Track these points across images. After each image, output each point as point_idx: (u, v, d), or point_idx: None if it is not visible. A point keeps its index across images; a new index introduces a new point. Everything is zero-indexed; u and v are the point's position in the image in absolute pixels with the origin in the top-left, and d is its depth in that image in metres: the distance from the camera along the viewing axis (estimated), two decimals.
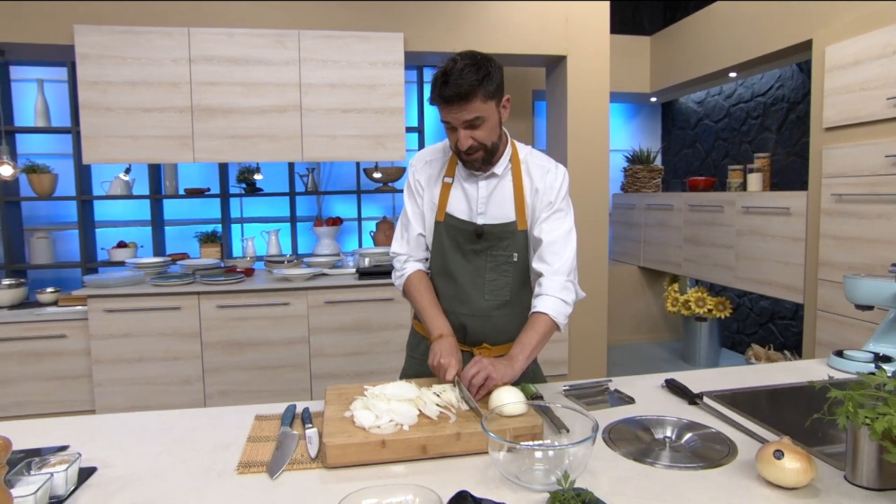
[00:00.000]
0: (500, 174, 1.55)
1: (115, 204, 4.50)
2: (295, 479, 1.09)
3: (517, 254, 1.55)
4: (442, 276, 1.60)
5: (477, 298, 1.57)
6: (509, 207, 1.55)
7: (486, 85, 1.38)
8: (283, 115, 3.35)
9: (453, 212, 1.57)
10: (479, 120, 1.41)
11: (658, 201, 4.71)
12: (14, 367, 3.23)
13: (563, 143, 3.83)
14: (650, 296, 5.13)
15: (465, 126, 1.41)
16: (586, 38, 3.71)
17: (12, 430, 1.35)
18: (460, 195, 1.57)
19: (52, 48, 3.27)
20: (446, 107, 1.40)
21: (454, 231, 1.56)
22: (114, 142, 3.23)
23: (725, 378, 1.65)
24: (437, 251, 1.61)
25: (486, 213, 1.55)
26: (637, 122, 5.66)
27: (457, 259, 1.57)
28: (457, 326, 1.58)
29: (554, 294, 1.48)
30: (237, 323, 3.34)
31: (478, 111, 1.39)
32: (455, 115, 1.40)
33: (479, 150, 1.46)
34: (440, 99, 1.40)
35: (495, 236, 1.54)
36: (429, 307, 1.56)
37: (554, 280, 1.50)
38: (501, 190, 1.55)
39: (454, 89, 1.36)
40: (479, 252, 1.56)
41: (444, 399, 1.28)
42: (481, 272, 1.56)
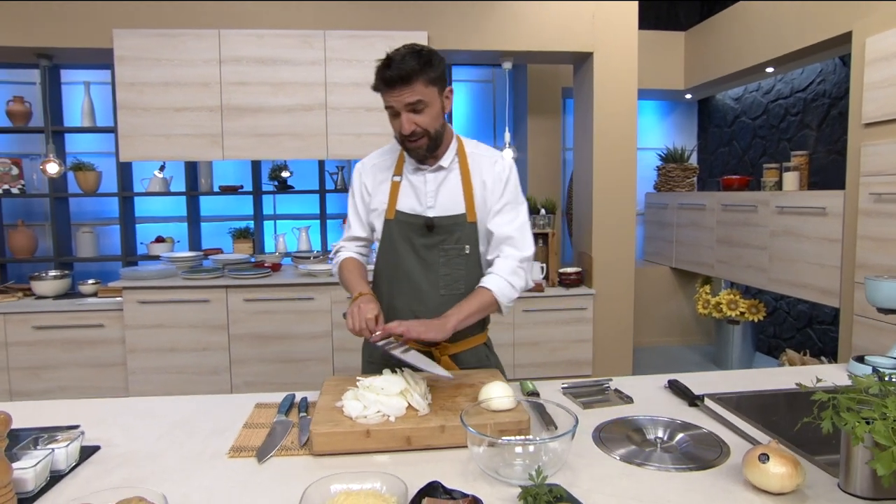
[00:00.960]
0: (447, 167, 1.57)
1: (154, 200, 4.69)
2: (281, 465, 1.13)
3: (469, 246, 1.57)
4: (395, 274, 1.59)
5: (433, 294, 1.57)
6: (458, 199, 1.56)
7: (427, 70, 1.41)
8: (308, 113, 3.42)
9: (403, 208, 1.57)
10: (421, 104, 1.43)
11: (690, 201, 4.58)
12: (58, 353, 3.41)
13: (590, 141, 3.78)
14: (682, 297, 5.00)
15: (407, 109, 1.43)
16: (614, 34, 3.65)
17: (30, 409, 1.44)
18: (409, 190, 1.58)
19: (95, 52, 3.44)
20: (389, 90, 1.41)
21: (405, 227, 1.57)
22: (149, 140, 3.37)
23: (733, 380, 1.60)
24: (388, 250, 1.60)
25: (436, 206, 1.56)
26: (672, 120, 5.52)
27: (409, 256, 1.57)
28: None
29: (502, 275, 1.52)
30: (263, 316, 3.43)
31: (420, 94, 1.41)
32: (397, 98, 1.41)
33: (423, 136, 1.47)
34: (383, 82, 1.41)
35: (446, 229, 1.55)
36: (352, 278, 1.58)
37: (506, 262, 1.54)
38: (449, 182, 1.57)
39: (396, 72, 1.39)
40: (431, 247, 1.56)
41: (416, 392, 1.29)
42: (434, 267, 1.57)
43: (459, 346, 1.61)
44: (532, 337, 3.70)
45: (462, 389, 1.37)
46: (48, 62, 3.60)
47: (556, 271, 3.88)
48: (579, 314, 3.74)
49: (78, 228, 4.45)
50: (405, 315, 1.56)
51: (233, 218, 4.82)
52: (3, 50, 3.43)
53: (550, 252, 3.89)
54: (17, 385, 3.41)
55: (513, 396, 1.24)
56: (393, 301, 1.60)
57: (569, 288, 3.80)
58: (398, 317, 1.57)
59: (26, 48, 3.39)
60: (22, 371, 3.41)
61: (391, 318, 1.56)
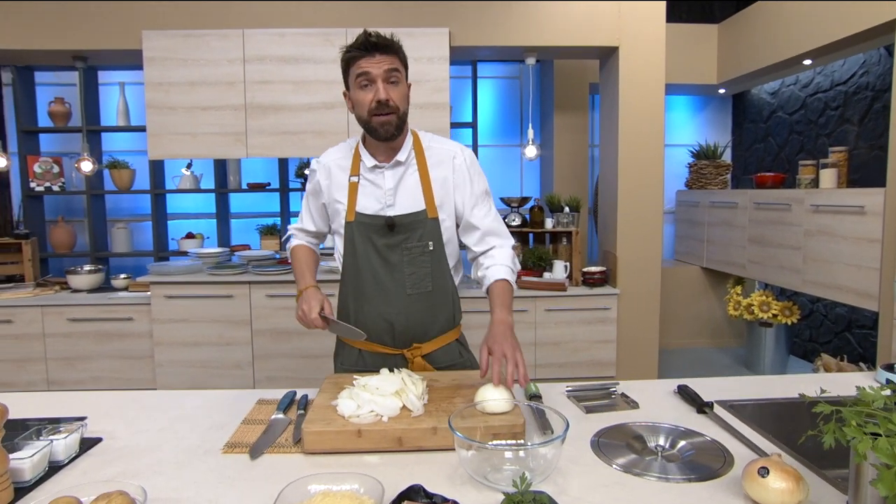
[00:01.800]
0: (405, 161, 1.54)
1: (186, 197, 4.81)
2: (273, 462, 1.13)
3: (432, 242, 1.54)
4: (360, 277, 1.55)
5: (399, 295, 1.53)
6: (418, 196, 1.54)
7: (401, 51, 1.47)
8: (330, 111, 3.44)
9: (363, 209, 1.53)
10: (397, 75, 1.44)
11: (722, 199, 4.44)
12: (91, 345, 3.54)
13: (615, 138, 3.69)
14: (713, 298, 4.84)
15: (384, 78, 1.42)
16: (640, 28, 3.55)
17: (41, 400, 1.48)
18: (367, 191, 1.54)
19: (126, 53, 3.54)
20: (367, 56, 1.41)
21: (365, 228, 1.52)
22: (176, 139, 3.46)
23: (750, 387, 1.54)
24: (351, 253, 1.55)
25: (396, 205, 1.53)
26: (705, 116, 5.35)
27: (373, 258, 1.53)
28: (384, 327, 1.55)
29: (506, 263, 1.55)
30: (285, 312, 3.48)
31: (398, 66, 1.45)
32: (377, 63, 1.41)
33: (395, 112, 1.45)
34: (364, 48, 1.41)
35: (407, 227, 1.52)
36: (300, 267, 1.62)
37: (502, 252, 1.57)
38: (408, 179, 1.55)
39: (380, 39, 1.41)
40: (394, 247, 1.53)
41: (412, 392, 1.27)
42: (399, 267, 1.53)
43: (432, 344, 1.59)
44: (554, 337, 3.65)
45: (461, 391, 1.35)
46: (83, 64, 3.73)
47: (579, 270, 3.81)
48: (603, 314, 3.66)
49: (113, 224, 4.61)
50: (375, 320, 1.54)
51: (261, 215, 4.91)
52: (42, 53, 3.57)
53: (574, 251, 3.82)
54: (53, 374, 3.55)
55: (508, 399, 1.21)
56: (361, 306, 1.57)
57: (592, 287, 3.72)
58: (369, 322, 1.55)
59: (63, 51, 3.51)
60: (58, 361, 3.54)
61: (360, 323, 1.55)
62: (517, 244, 1.62)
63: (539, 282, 3.69)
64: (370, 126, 1.46)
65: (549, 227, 3.86)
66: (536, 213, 3.88)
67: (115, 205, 4.87)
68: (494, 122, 5.04)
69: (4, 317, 3.50)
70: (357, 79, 1.43)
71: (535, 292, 3.63)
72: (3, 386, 3.54)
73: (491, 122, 5.03)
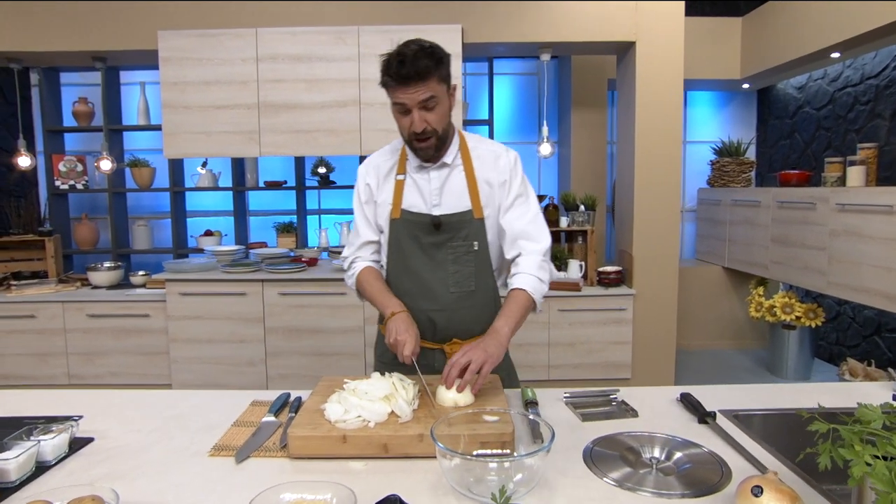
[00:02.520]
0: (451, 163, 1.54)
1: (206, 195, 4.87)
2: (258, 466, 1.12)
3: (477, 242, 1.53)
4: (404, 274, 1.56)
5: (442, 292, 1.54)
6: (464, 196, 1.53)
7: (440, 68, 1.40)
8: (342, 109, 3.44)
9: (408, 207, 1.55)
10: (433, 101, 1.40)
11: (744, 197, 4.31)
12: (109, 340, 3.61)
13: (631, 135, 3.61)
14: (735, 299, 4.72)
15: (419, 107, 1.39)
16: (657, 22, 3.46)
17: (42, 397, 1.50)
18: (413, 189, 1.55)
19: (143, 53, 3.58)
20: (402, 87, 1.37)
21: (411, 226, 1.54)
22: (191, 137, 3.49)
23: (758, 395, 1.48)
24: (395, 250, 1.57)
25: (441, 204, 1.54)
26: (729, 112, 5.21)
27: (417, 255, 1.55)
28: (425, 323, 1.56)
29: (531, 272, 1.49)
30: (297, 310, 3.49)
31: (433, 91, 1.39)
32: (411, 95, 1.37)
33: (432, 135, 1.44)
34: (396, 78, 1.37)
35: (453, 226, 1.52)
36: (379, 292, 1.55)
37: (530, 259, 1.51)
38: (454, 179, 1.54)
39: (412, 68, 1.35)
40: (439, 245, 1.53)
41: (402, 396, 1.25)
42: (443, 265, 1.54)
43: (468, 343, 1.53)
44: (568, 337, 3.59)
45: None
46: (103, 65, 3.80)
47: (594, 270, 3.74)
48: (618, 315, 3.59)
49: (134, 222, 4.69)
50: (417, 315, 1.53)
51: (279, 212, 4.95)
52: (63, 54, 3.64)
53: (589, 250, 3.75)
54: (73, 369, 3.63)
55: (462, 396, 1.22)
56: (404, 300, 1.56)
57: (608, 287, 3.66)
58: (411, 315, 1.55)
59: (83, 52, 3.58)
60: (78, 356, 3.62)
61: None
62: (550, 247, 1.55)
63: (553, 281, 3.63)
64: (412, 147, 1.49)
65: (564, 226, 3.80)
66: (551, 212, 3.82)
67: (137, 202, 4.96)
68: (512, 119, 4.99)
69: (28, 312, 3.59)
70: (393, 105, 1.42)
71: (548, 292, 3.57)
72: (26, 379, 3.63)
73: (508, 119, 4.98)
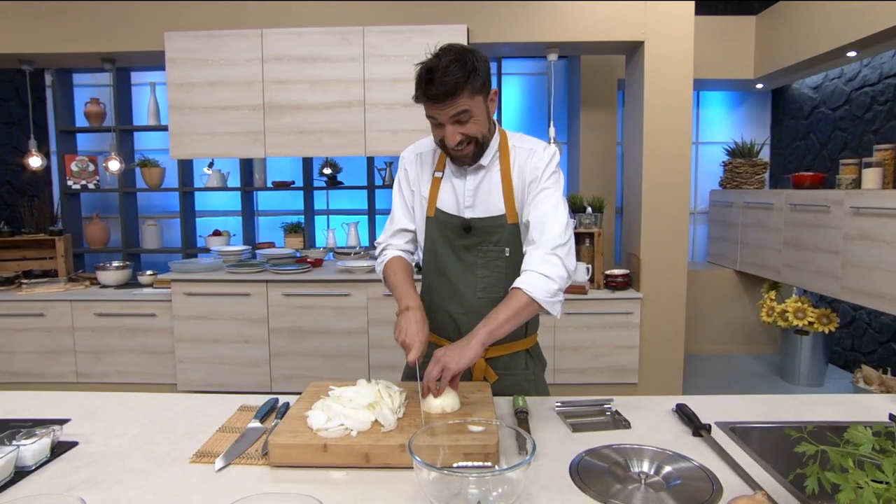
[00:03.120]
0: (487, 165, 1.49)
1: (215, 195, 4.90)
2: (237, 474, 1.10)
3: (509, 249, 1.48)
4: (435, 273, 1.56)
5: (469, 296, 1.51)
6: (498, 200, 1.48)
7: (472, 81, 1.33)
8: (347, 110, 3.43)
9: (443, 206, 1.52)
10: (466, 115, 1.36)
11: (756, 199, 4.22)
12: (116, 339, 3.64)
13: (639, 135, 3.55)
14: (747, 303, 4.63)
15: (452, 122, 1.36)
16: (666, 22, 3.40)
17: (30, 399, 1.50)
18: (449, 189, 1.53)
19: (151, 54, 3.60)
20: (432, 104, 1.34)
21: (444, 226, 1.52)
22: (196, 138, 3.51)
23: (760, 407, 1.43)
24: (429, 248, 1.56)
25: (475, 207, 1.49)
26: (742, 112, 5.11)
27: (448, 256, 1.52)
28: (450, 325, 1.54)
29: (532, 268, 1.37)
30: (301, 311, 3.49)
31: (465, 106, 1.34)
32: (442, 110, 1.34)
33: (470, 143, 1.40)
34: (426, 98, 1.33)
35: (484, 230, 1.48)
36: (399, 284, 1.50)
37: (534, 254, 1.39)
38: (489, 181, 1.50)
39: (440, 87, 1.30)
40: (470, 248, 1.50)
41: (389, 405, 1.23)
42: (473, 269, 1.51)
43: (497, 349, 1.52)
44: (573, 341, 3.55)
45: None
46: (111, 66, 3.83)
47: (601, 273, 3.69)
48: (625, 319, 3.54)
49: (144, 221, 4.74)
50: (443, 315, 1.54)
51: (287, 212, 4.96)
52: (73, 56, 3.67)
53: (596, 252, 3.70)
54: (82, 367, 3.67)
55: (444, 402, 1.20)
56: (433, 299, 1.57)
57: (615, 291, 3.60)
58: (437, 316, 1.55)
59: (92, 53, 3.61)
60: (86, 354, 3.66)
61: (431, 316, 1.52)
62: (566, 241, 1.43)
63: None
64: (448, 155, 1.45)
65: None
66: None
67: (148, 202, 5.01)
68: (520, 119, 4.94)
69: (37, 310, 3.64)
70: (427, 118, 1.39)
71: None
72: (35, 377, 3.68)
73: (518, 119, 4.94)
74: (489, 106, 1.41)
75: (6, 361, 3.68)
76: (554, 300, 1.38)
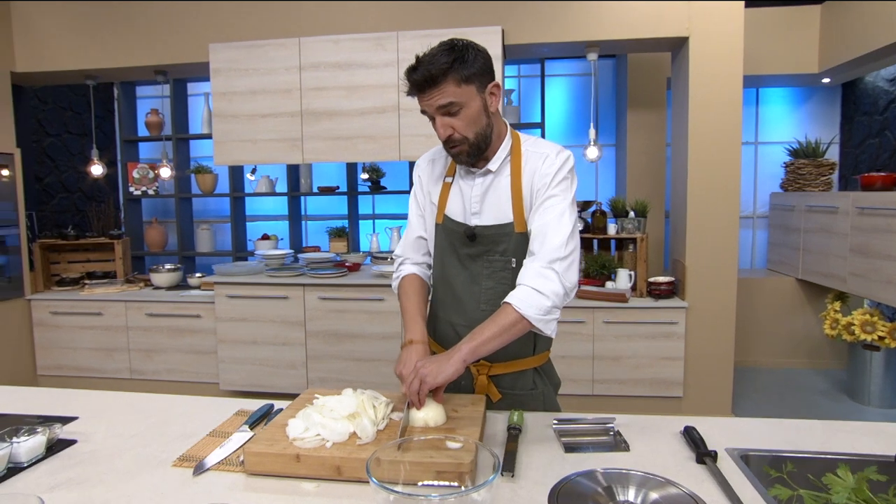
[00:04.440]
0: (496, 170, 1.42)
1: (265, 200, 5.07)
2: (214, 480, 1.10)
3: (515, 259, 1.40)
4: (441, 282, 1.51)
5: (472, 307, 1.45)
6: (506, 207, 1.41)
7: (458, 68, 1.27)
8: (381, 115, 3.44)
9: (450, 213, 1.47)
10: (454, 106, 1.29)
11: (820, 202, 3.91)
12: (165, 339, 3.81)
13: (685, 135, 3.37)
14: (810, 314, 4.29)
15: (440, 113, 1.30)
16: (713, 15, 3.20)
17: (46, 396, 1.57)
18: (457, 194, 1.47)
19: (199, 66, 3.76)
20: (419, 94, 1.30)
21: (450, 234, 1.46)
22: (238, 145, 3.62)
23: (782, 433, 1.30)
24: (437, 256, 1.52)
25: (482, 214, 1.43)
26: (807, 109, 4.77)
27: (454, 265, 1.47)
28: (452, 337, 1.47)
29: (525, 282, 1.30)
30: (337, 315, 3.53)
31: (451, 96, 1.28)
32: (427, 101, 1.30)
33: (462, 143, 1.34)
34: (412, 86, 1.30)
35: (490, 239, 1.41)
36: (409, 310, 1.46)
37: (530, 267, 1.32)
38: (497, 188, 1.42)
39: (423, 73, 1.27)
40: (475, 257, 1.44)
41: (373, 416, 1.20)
42: (478, 279, 1.44)
43: (502, 367, 1.45)
44: (613, 351, 3.40)
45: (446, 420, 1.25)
46: (164, 78, 4.03)
47: (644, 280, 3.52)
48: (669, 329, 3.36)
49: (199, 225, 4.95)
50: (446, 327, 1.49)
51: (334, 217, 5.06)
52: (129, 70, 3.89)
53: (639, 259, 3.54)
54: (134, 364, 3.87)
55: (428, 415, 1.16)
56: (438, 309, 1.52)
57: (658, 299, 3.43)
58: (440, 326, 1.52)
59: (146, 66, 3.81)
60: (139, 353, 3.85)
61: (435, 327, 1.52)
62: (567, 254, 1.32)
63: (598, 291, 3.45)
64: (448, 153, 1.41)
65: (612, 233, 3.60)
66: (599, 218, 3.64)
67: (203, 207, 5.24)
68: (567, 121, 4.82)
69: (96, 309, 3.86)
70: (422, 113, 1.36)
71: (593, 303, 3.41)
72: (94, 372, 3.91)
73: (563, 121, 4.82)
74: (487, 99, 1.34)
75: (70, 357, 3.93)
76: (547, 318, 1.29)
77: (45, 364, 3.97)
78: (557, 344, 3.65)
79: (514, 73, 4.82)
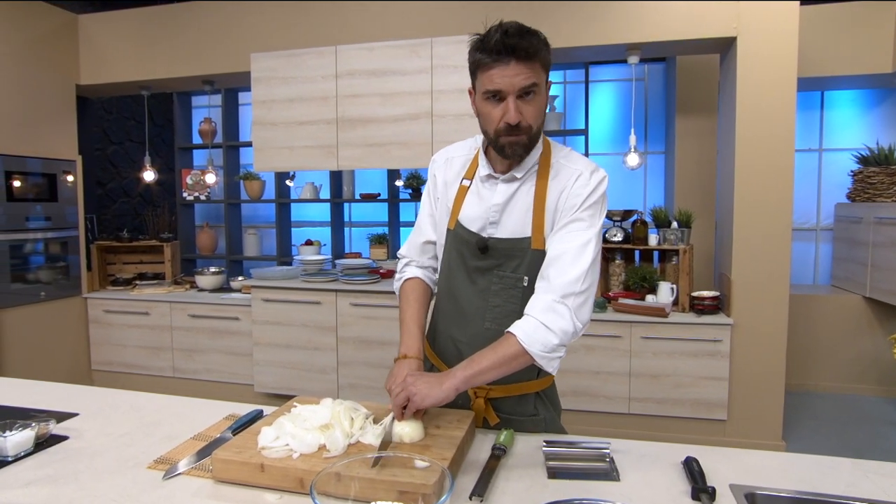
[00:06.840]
0: (522, 177, 1.32)
1: (311, 206, 5.18)
2: (180, 485, 1.09)
3: (528, 277, 1.30)
4: (446, 293, 1.42)
5: (476, 324, 1.35)
6: (525, 220, 1.30)
7: (546, 53, 1.21)
8: (415, 122, 3.43)
9: (464, 220, 1.36)
10: (534, 88, 1.19)
11: (891, 214, 3.58)
12: (206, 339, 3.93)
13: (732, 142, 3.17)
14: (880, 335, 3.93)
15: (519, 93, 1.19)
16: (764, 14, 2.99)
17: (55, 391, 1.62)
18: (475, 201, 1.36)
19: (241, 75, 3.88)
20: (500, 66, 1.18)
21: (461, 242, 1.36)
22: (276, 152, 3.71)
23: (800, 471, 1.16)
24: (444, 264, 1.42)
25: (500, 224, 1.33)
26: (880, 113, 4.39)
27: (461, 276, 1.37)
28: (453, 353, 1.39)
29: (534, 314, 1.21)
30: (368, 321, 3.53)
31: (536, 78, 1.19)
32: (511, 78, 1.17)
33: (527, 132, 1.23)
34: (496, 52, 1.17)
35: (503, 253, 1.31)
36: (406, 321, 1.39)
37: (542, 298, 1.22)
38: (520, 198, 1.32)
39: (518, 40, 1.15)
40: (485, 270, 1.34)
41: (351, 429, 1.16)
42: (485, 295, 1.34)
43: (501, 389, 1.36)
44: (652, 368, 3.23)
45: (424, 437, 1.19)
46: (211, 87, 4.19)
47: (687, 294, 3.32)
48: (712, 347, 3.15)
49: (247, 230, 5.11)
50: (446, 341, 1.41)
51: (376, 224, 5.11)
52: (178, 80, 4.07)
53: (681, 272, 3.34)
54: (177, 363, 4.01)
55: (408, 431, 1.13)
56: (439, 321, 1.44)
57: (701, 315, 3.23)
58: (440, 340, 1.44)
59: (193, 77, 3.97)
60: (181, 352, 3.99)
61: (435, 340, 1.45)
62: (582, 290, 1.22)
63: (636, 305, 3.29)
64: (497, 144, 1.26)
65: (653, 245, 3.43)
66: (639, 228, 3.47)
67: (253, 212, 5.41)
68: (611, 127, 4.66)
69: (144, 309, 4.04)
70: (483, 94, 1.23)
71: (631, 317, 3.25)
72: (141, 369, 4.09)
73: (607, 128, 4.67)
74: (546, 100, 1.27)
75: (119, 353, 4.13)
76: (551, 356, 1.20)
77: (99, 360, 4.18)
78: (592, 359, 3.48)
79: (558, 78, 4.72)
